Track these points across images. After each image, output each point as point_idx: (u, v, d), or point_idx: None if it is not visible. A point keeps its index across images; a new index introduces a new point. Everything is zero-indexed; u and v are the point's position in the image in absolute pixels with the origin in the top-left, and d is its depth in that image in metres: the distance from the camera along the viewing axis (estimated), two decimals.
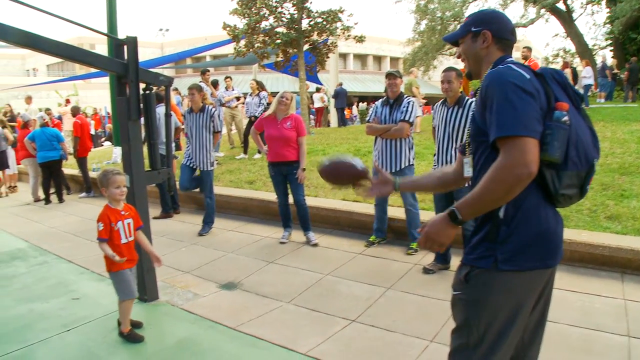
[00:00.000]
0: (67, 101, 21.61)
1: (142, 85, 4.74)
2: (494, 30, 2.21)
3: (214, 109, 7.54)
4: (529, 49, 13.31)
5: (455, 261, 5.28)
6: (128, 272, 4.08)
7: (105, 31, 11.28)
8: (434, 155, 5.41)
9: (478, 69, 2.29)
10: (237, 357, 3.79)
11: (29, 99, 17.20)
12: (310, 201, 6.81)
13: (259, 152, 10.74)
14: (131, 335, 4.05)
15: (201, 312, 4.61)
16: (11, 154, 12.43)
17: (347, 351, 3.79)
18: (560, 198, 2.01)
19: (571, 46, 26.91)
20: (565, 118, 1.93)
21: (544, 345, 2.30)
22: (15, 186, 12.76)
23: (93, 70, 19.18)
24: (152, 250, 4.24)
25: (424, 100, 16.36)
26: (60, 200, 10.70)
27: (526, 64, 2.14)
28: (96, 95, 37.84)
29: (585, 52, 24.13)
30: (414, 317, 4.30)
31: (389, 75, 5.95)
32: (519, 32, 24.99)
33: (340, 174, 3.27)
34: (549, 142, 1.89)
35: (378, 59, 53.97)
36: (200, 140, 7.32)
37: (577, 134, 1.97)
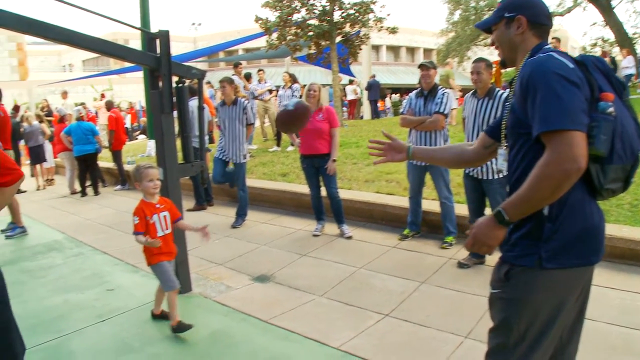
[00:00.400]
0: (102, 95, 21.96)
1: (175, 79, 4.77)
2: (529, 15, 2.10)
3: (246, 102, 7.54)
4: (558, 39, 12.43)
5: (490, 256, 5.19)
6: (167, 264, 4.09)
7: (139, 26, 11.38)
8: None
9: (513, 56, 2.18)
10: (269, 350, 3.79)
11: (64, 94, 17.55)
12: (343, 194, 6.78)
13: (292, 144, 10.74)
14: (180, 326, 4.01)
15: (234, 304, 4.63)
16: (48, 147, 12.72)
17: (380, 346, 3.75)
18: (604, 192, 1.93)
19: (610, 35, 26.12)
20: (611, 109, 1.84)
21: (582, 344, 2.22)
22: (53, 179, 13.06)
23: (127, 65, 19.44)
24: (197, 228, 4.18)
25: (460, 92, 16.11)
26: (96, 192, 10.90)
27: None
28: (130, 90, 38.38)
29: (625, 41, 23.41)
30: (448, 312, 4.24)
31: (422, 66, 5.86)
32: (555, 21, 24.39)
33: (287, 121, 3.57)
34: (595, 136, 1.81)
35: (411, 50, 53.37)
36: (233, 132, 7.33)
37: (622, 125, 1.88)
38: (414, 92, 6.06)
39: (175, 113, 4.85)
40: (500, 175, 4.98)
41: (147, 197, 4.07)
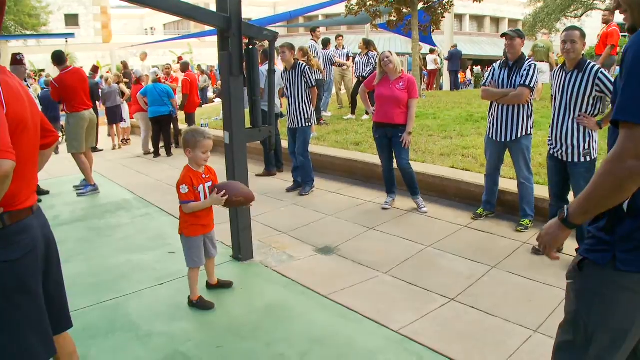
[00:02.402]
0: (180, 58, 22.29)
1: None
2: None
3: (305, 65, 7.33)
4: (611, 12, 10.81)
5: (569, 243, 4.81)
6: (200, 239, 3.94)
7: None
8: (549, 126, 4.90)
9: None
10: (324, 328, 3.65)
11: (143, 55, 17.92)
12: (416, 167, 6.51)
13: (367, 113, 10.47)
14: (200, 303, 3.92)
15: (294, 275, 4.52)
16: (126, 108, 13.03)
17: (441, 332, 3.54)
18: None
19: None
20: None
21: None
22: (129, 139, 13.40)
23: (207, 28, 19.61)
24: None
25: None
26: (168, 154, 11.08)
27: (606, 30, 1.68)
28: (211, 53, 38.62)
29: None
30: (518, 302, 3.95)
31: (505, 36, 5.40)
32: None
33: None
34: None
35: (496, 20, 51.26)
36: (294, 97, 7.21)
37: None
38: (498, 62, 5.65)
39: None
40: (588, 159, 4.55)
41: (194, 166, 3.89)
